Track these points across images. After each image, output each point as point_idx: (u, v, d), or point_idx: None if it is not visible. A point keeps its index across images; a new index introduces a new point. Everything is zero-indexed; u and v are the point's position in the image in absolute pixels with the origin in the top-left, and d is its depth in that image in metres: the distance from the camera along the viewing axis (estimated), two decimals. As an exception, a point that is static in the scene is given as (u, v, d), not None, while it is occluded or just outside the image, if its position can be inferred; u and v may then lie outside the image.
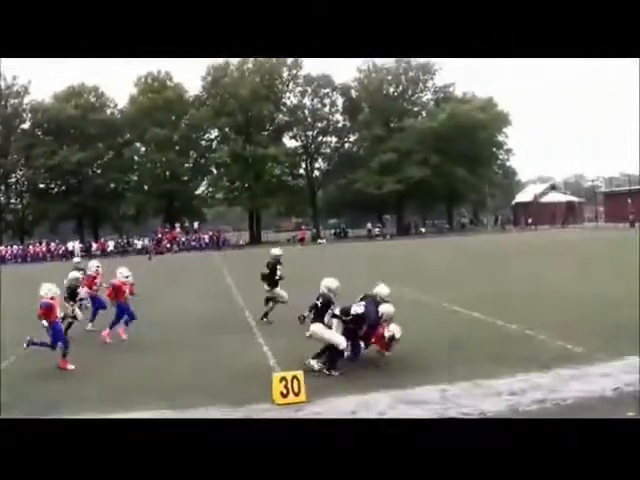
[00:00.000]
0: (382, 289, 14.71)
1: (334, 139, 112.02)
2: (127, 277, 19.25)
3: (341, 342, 13.75)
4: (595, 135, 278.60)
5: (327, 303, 14.21)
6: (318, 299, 14.34)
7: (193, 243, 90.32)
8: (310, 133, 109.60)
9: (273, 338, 17.41)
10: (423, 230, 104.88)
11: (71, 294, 19.48)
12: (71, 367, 15.26)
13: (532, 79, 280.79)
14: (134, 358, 16.24)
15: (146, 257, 68.48)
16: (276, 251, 21.18)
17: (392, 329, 14.14)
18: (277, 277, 20.46)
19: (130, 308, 19.03)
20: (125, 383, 13.71)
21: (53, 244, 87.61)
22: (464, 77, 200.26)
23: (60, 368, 15.18)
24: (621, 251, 43.68)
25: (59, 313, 15.69)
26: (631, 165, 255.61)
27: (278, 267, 20.53)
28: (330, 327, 14.13)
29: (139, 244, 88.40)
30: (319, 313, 14.19)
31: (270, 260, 20.76)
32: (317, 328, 14.05)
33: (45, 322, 15.12)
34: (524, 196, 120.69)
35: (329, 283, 14.45)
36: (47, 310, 15.15)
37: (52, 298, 15.38)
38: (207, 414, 10.93)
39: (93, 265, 22.15)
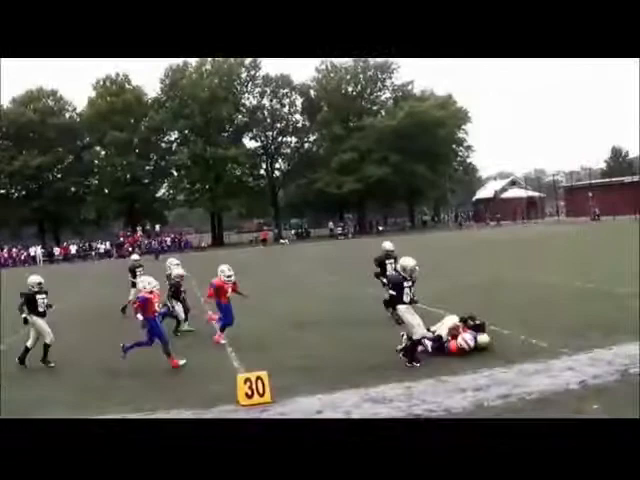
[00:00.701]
0: (484, 338, 14.42)
1: (294, 139, 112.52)
2: (229, 277, 17.64)
3: (417, 332, 13.52)
4: (556, 129, 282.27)
5: (397, 283, 13.89)
6: (388, 284, 14.28)
7: (155, 246, 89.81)
8: (270, 133, 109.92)
9: (236, 340, 17.33)
10: (381, 228, 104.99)
11: (174, 292, 19.50)
12: (182, 362, 14.82)
13: (493, 76, 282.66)
14: (99, 360, 16.04)
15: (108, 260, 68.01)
16: (388, 245, 20.15)
17: (465, 340, 14.06)
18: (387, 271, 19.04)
19: (229, 310, 17.71)
20: (88, 384, 13.63)
21: (15, 249, 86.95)
22: (423, 75, 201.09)
23: (173, 367, 14.66)
24: (584, 245, 44.08)
25: (158, 308, 15.41)
26: (591, 158, 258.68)
27: (387, 262, 19.50)
28: (405, 303, 13.73)
29: (101, 248, 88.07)
30: (396, 295, 13.84)
31: (380, 255, 19.93)
32: (401, 309, 13.76)
33: (140, 316, 14.84)
34: (485, 192, 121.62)
35: (405, 262, 14.03)
36: (144, 304, 14.85)
37: (151, 292, 15.05)
38: (170, 415, 10.86)
39: (172, 264, 21.81)
